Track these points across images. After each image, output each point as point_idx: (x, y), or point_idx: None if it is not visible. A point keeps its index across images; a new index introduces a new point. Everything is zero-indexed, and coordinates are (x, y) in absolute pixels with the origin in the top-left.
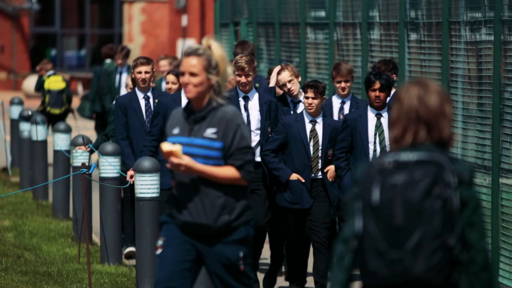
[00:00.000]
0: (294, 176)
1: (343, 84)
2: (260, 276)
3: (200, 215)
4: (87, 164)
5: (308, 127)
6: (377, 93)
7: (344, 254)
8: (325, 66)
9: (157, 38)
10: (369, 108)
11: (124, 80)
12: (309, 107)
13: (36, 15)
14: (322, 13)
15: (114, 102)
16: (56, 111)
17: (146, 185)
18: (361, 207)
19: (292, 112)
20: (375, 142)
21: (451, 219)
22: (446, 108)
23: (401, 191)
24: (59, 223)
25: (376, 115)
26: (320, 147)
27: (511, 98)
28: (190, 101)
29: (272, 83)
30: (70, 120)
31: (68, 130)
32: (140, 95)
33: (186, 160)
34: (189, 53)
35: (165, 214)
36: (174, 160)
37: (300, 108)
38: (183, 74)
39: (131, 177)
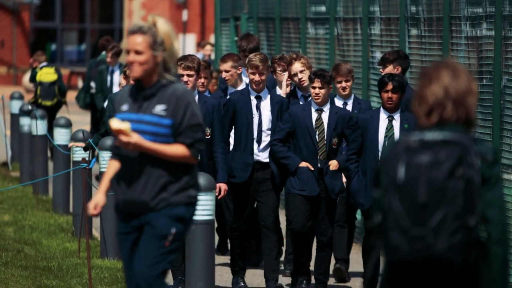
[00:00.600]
0: (304, 164)
1: (343, 84)
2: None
3: (140, 193)
4: (87, 159)
5: (314, 116)
6: (390, 94)
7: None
8: (325, 61)
9: None
10: (381, 109)
11: (116, 79)
12: (316, 97)
13: (37, 10)
14: (323, 8)
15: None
16: (48, 103)
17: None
18: (386, 183)
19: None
20: (384, 145)
21: (472, 200)
22: (473, 87)
23: (426, 171)
24: (59, 217)
25: (388, 117)
26: (325, 136)
27: (511, 93)
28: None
29: (283, 92)
30: (63, 113)
31: (68, 125)
32: None
33: (135, 138)
34: (134, 31)
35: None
36: (123, 138)
37: None
38: (128, 52)
39: None
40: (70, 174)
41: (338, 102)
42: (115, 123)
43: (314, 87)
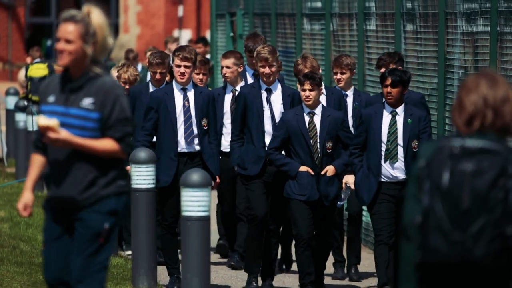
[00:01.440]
0: (303, 168)
1: (338, 76)
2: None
3: (68, 188)
4: None
5: (307, 119)
6: (389, 89)
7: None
8: (321, 57)
9: (153, 28)
10: (385, 105)
11: None
12: (307, 99)
13: (32, 5)
14: (318, 4)
15: None
16: (37, 98)
17: (142, 176)
18: (428, 187)
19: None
20: (388, 141)
21: (510, 210)
22: (510, 95)
23: (470, 179)
24: None
25: (391, 112)
26: (318, 140)
27: None
28: (67, 69)
29: None
30: None
31: None
32: (151, 89)
33: (64, 135)
34: (66, 19)
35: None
36: (51, 134)
37: (322, 100)
38: (58, 40)
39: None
40: None
41: (338, 92)
42: (43, 120)
43: (304, 90)
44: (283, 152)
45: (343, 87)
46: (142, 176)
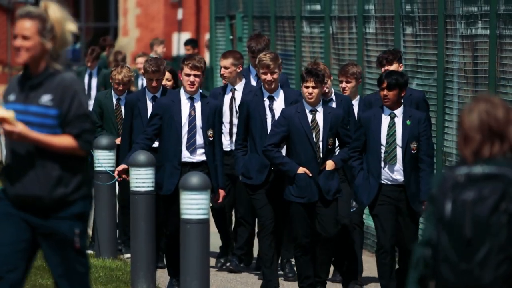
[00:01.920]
0: (301, 170)
1: (343, 84)
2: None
3: (33, 187)
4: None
5: (309, 117)
6: (385, 91)
7: (420, 258)
8: (320, 60)
9: (153, 31)
10: (384, 107)
11: (94, 83)
12: (310, 97)
13: None
14: (318, 7)
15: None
16: None
17: (141, 179)
18: (435, 217)
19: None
20: (387, 143)
21: None
22: (511, 116)
23: (471, 207)
24: None
25: (389, 114)
26: (321, 137)
27: (506, 92)
28: (27, 66)
29: None
30: None
31: None
32: (148, 96)
33: (20, 128)
34: (22, 16)
35: (1, 188)
36: (7, 127)
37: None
38: (15, 37)
39: (120, 174)
40: None
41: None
42: None
43: (307, 87)
44: (283, 151)
45: (349, 96)
46: (141, 179)
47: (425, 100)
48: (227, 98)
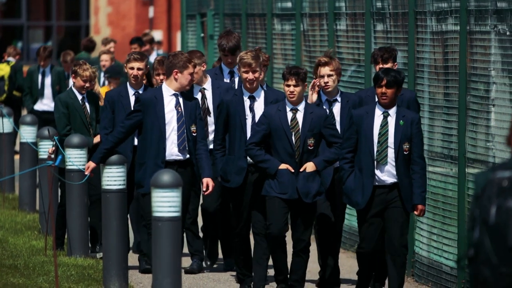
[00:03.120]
0: (283, 166)
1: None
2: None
3: None
4: (53, 156)
5: (289, 115)
6: (384, 89)
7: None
8: (291, 57)
9: (124, 30)
10: (377, 105)
11: (48, 81)
12: (291, 95)
13: (2, 7)
14: (289, 4)
15: (54, 100)
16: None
17: (113, 177)
18: (479, 219)
19: (328, 112)
20: (378, 142)
21: None
22: None
23: None
24: (26, 215)
25: (383, 113)
26: (300, 136)
27: (477, 88)
28: None
29: (309, 100)
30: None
31: (34, 122)
32: (131, 92)
33: None
34: None
35: None
36: None
37: (336, 107)
38: None
39: (96, 170)
40: (37, 172)
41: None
42: None
43: (288, 85)
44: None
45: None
46: (113, 177)
47: (417, 100)
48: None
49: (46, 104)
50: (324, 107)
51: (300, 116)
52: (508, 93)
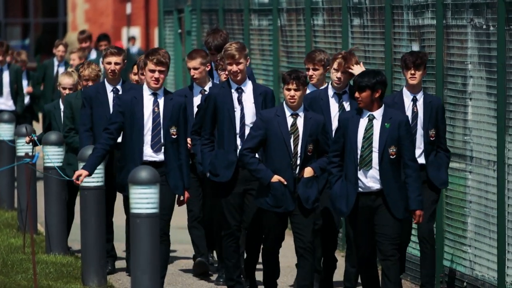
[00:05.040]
0: (275, 178)
1: (310, 72)
2: None
3: None
4: (30, 154)
5: (289, 121)
6: (357, 94)
7: None
8: (269, 52)
9: (102, 26)
10: (363, 108)
11: (6, 79)
12: (292, 100)
13: None
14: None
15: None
16: None
17: None
18: None
19: (337, 106)
20: (362, 147)
21: None
22: None
23: None
24: (4, 213)
25: (368, 116)
26: (300, 143)
27: (454, 82)
28: None
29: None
30: None
31: (12, 120)
32: (108, 88)
33: None
34: None
35: None
36: None
37: (346, 101)
38: None
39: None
40: (15, 169)
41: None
42: None
43: (289, 89)
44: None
45: (316, 84)
46: None
47: (443, 106)
48: (196, 100)
49: (3, 103)
50: (334, 100)
51: (300, 122)
52: (485, 87)
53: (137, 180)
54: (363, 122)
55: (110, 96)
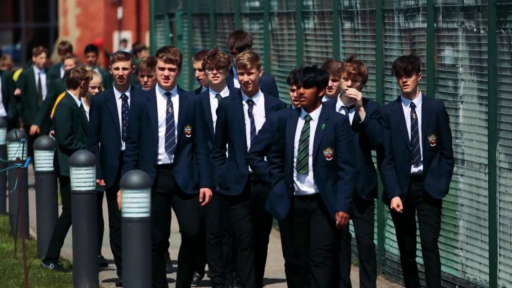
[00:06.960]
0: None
1: (329, 83)
2: None
3: None
4: (21, 158)
5: (300, 125)
6: (301, 89)
7: None
8: (260, 56)
9: (93, 31)
10: (301, 108)
11: None
12: (302, 100)
13: None
14: (257, 3)
15: None
16: None
17: (82, 179)
18: None
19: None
20: (298, 150)
21: None
22: None
23: None
24: None
25: (305, 117)
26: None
27: (445, 85)
28: None
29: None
30: None
31: (3, 125)
32: (117, 95)
33: None
34: None
35: None
36: None
37: (351, 117)
38: None
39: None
40: (6, 174)
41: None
42: None
43: (294, 90)
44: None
45: (334, 95)
46: (82, 178)
47: (445, 110)
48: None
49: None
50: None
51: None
52: (476, 90)
53: (129, 184)
54: (300, 124)
55: (119, 103)
